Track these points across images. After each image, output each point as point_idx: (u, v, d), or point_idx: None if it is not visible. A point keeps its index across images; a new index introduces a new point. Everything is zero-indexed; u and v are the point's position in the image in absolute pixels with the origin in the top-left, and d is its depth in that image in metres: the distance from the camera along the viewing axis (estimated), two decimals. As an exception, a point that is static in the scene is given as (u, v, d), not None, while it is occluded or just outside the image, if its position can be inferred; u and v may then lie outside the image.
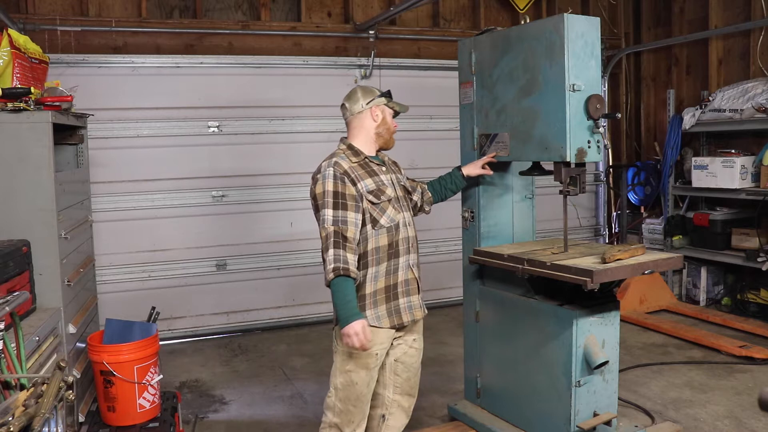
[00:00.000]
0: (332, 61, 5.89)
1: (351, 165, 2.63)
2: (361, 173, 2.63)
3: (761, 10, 5.61)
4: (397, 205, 2.69)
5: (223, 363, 4.92)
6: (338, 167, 2.59)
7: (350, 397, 2.65)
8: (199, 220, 5.53)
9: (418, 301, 2.76)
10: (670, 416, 3.73)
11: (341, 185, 2.56)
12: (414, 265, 2.76)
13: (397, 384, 2.80)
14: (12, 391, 2.01)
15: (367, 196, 2.60)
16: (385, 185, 2.68)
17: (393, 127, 2.81)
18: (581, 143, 2.83)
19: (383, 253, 2.63)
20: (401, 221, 2.69)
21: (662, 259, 3.03)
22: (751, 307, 5.56)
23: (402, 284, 2.69)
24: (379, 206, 2.62)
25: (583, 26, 2.82)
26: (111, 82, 5.19)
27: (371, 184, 2.63)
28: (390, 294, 2.66)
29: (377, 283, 2.63)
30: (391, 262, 2.66)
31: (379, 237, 2.63)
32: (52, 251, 3.15)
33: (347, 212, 2.54)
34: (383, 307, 2.64)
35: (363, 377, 2.64)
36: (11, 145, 3.07)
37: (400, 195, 2.75)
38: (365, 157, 2.70)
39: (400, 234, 2.68)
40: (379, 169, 2.72)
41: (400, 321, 2.68)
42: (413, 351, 2.82)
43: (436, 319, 5.88)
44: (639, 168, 6.80)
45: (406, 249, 2.71)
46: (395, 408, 2.82)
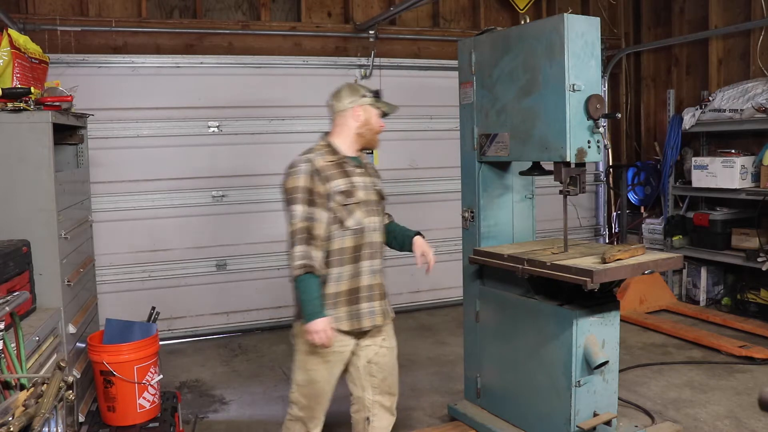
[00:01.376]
0: (332, 61, 5.89)
1: (325, 163, 2.60)
2: (334, 173, 2.60)
3: (761, 10, 5.61)
4: (366, 208, 2.65)
5: (223, 363, 4.92)
6: (311, 164, 2.58)
7: (311, 394, 2.70)
8: (199, 220, 5.53)
9: (380, 306, 2.72)
10: (670, 416, 3.73)
11: (312, 182, 2.55)
12: (379, 271, 2.73)
13: (374, 385, 2.79)
14: (12, 391, 2.01)
15: (336, 196, 2.57)
16: (357, 187, 2.64)
17: (378, 127, 2.76)
18: (581, 143, 2.83)
19: (348, 255, 2.61)
20: (369, 225, 2.65)
21: (662, 259, 3.04)
22: (751, 307, 5.56)
23: (365, 289, 2.66)
24: (348, 208, 2.59)
25: (583, 26, 2.82)
26: (111, 82, 5.19)
27: (343, 185, 2.59)
28: (352, 297, 2.64)
29: (340, 285, 2.61)
30: (356, 265, 2.63)
31: (344, 238, 2.60)
32: (52, 251, 3.15)
33: (316, 209, 2.54)
34: (344, 309, 2.62)
35: (324, 375, 2.66)
36: (11, 145, 3.06)
37: (372, 199, 2.70)
38: (342, 157, 2.66)
39: (365, 238, 2.64)
40: (354, 170, 2.68)
41: (359, 326, 2.65)
42: (384, 350, 2.79)
43: (436, 319, 5.88)
44: (639, 168, 6.80)
45: (371, 254, 2.67)
46: (378, 409, 2.81)
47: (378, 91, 2.85)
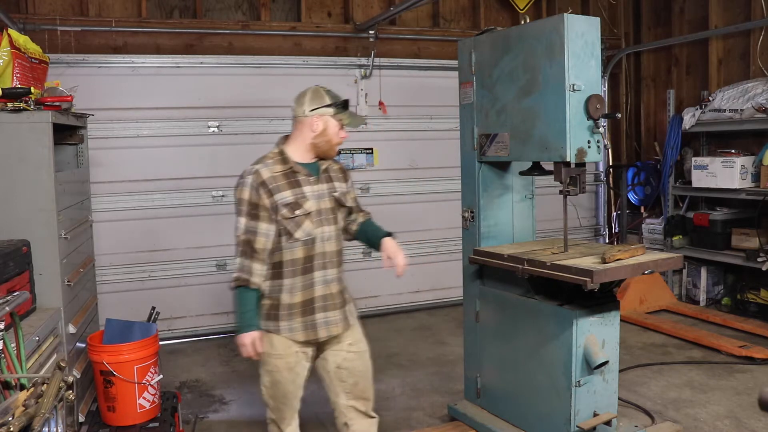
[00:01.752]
0: (332, 61, 5.89)
1: (273, 174, 2.56)
2: (281, 184, 2.56)
3: (761, 10, 5.61)
4: (316, 219, 2.60)
5: (223, 363, 4.92)
6: (257, 177, 2.55)
7: (277, 396, 2.70)
8: (199, 220, 5.53)
9: (337, 316, 2.67)
10: (670, 416, 3.73)
11: (256, 196, 2.53)
12: (334, 281, 2.67)
13: (346, 390, 2.75)
14: (12, 391, 2.00)
15: (281, 209, 2.54)
16: (306, 198, 2.58)
17: (337, 139, 2.66)
18: (581, 143, 2.83)
19: (299, 266, 2.59)
20: (319, 236, 2.60)
21: (662, 259, 3.03)
22: (751, 307, 5.56)
23: (319, 299, 2.63)
24: (295, 220, 2.55)
25: (583, 26, 2.82)
26: (111, 82, 5.19)
27: (289, 197, 2.55)
28: (307, 308, 2.62)
29: (294, 296, 2.60)
30: (307, 276, 2.61)
31: (294, 249, 2.58)
32: (52, 251, 3.15)
33: (259, 223, 2.53)
34: (298, 320, 2.61)
35: (286, 376, 2.66)
36: (11, 145, 3.06)
37: (325, 207, 2.63)
38: (290, 167, 2.60)
39: (317, 248, 2.60)
40: (306, 179, 2.61)
41: (316, 336, 2.64)
42: (353, 355, 2.75)
43: (436, 319, 5.88)
44: (639, 168, 6.80)
45: (323, 264, 2.63)
46: (353, 413, 2.78)
47: (345, 102, 2.71)
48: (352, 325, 2.77)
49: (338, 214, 2.70)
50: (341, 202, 2.71)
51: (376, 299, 6.03)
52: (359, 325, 2.83)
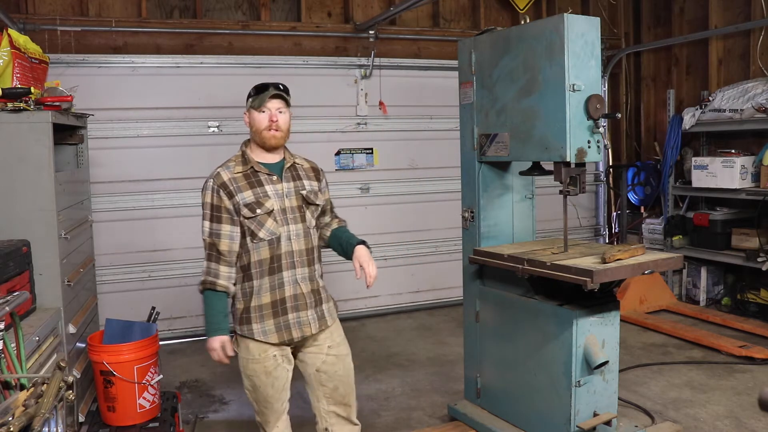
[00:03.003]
0: (332, 61, 5.89)
1: (233, 176, 2.57)
2: (242, 185, 2.56)
3: (761, 10, 5.61)
4: (280, 217, 2.56)
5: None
6: (217, 179, 2.58)
7: (259, 399, 2.66)
8: (199, 221, 5.50)
9: (309, 316, 2.62)
10: (670, 416, 3.73)
11: (216, 198, 2.57)
12: (304, 280, 2.61)
13: (326, 394, 2.71)
14: (12, 391, 2.00)
15: (242, 209, 2.53)
16: (267, 197, 2.55)
17: (261, 125, 2.58)
18: (581, 143, 2.83)
19: (266, 267, 2.56)
20: (284, 234, 2.56)
21: (662, 259, 3.03)
22: (751, 307, 5.56)
23: (290, 299, 2.58)
24: (256, 219, 2.53)
25: (583, 26, 2.82)
26: (111, 82, 5.19)
27: (249, 197, 2.54)
28: (277, 309, 2.58)
29: (262, 297, 2.57)
30: (275, 276, 2.57)
31: (260, 250, 2.56)
32: (52, 251, 3.15)
33: (221, 225, 2.56)
34: (270, 322, 2.57)
35: (264, 381, 2.61)
36: (11, 145, 3.07)
37: (290, 206, 2.59)
38: (252, 167, 2.60)
39: (282, 248, 2.56)
40: (268, 178, 2.59)
41: (290, 337, 2.59)
42: (332, 359, 2.69)
43: (436, 319, 5.88)
44: (639, 168, 6.80)
45: (291, 263, 2.58)
46: (334, 419, 2.73)
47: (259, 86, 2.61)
48: (329, 326, 2.70)
49: (307, 212, 2.65)
50: (309, 199, 2.66)
51: (376, 299, 6.03)
52: (340, 326, 2.78)
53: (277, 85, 2.61)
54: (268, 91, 2.58)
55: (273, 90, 2.58)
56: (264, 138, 2.60)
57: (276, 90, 2.59)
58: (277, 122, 2.59)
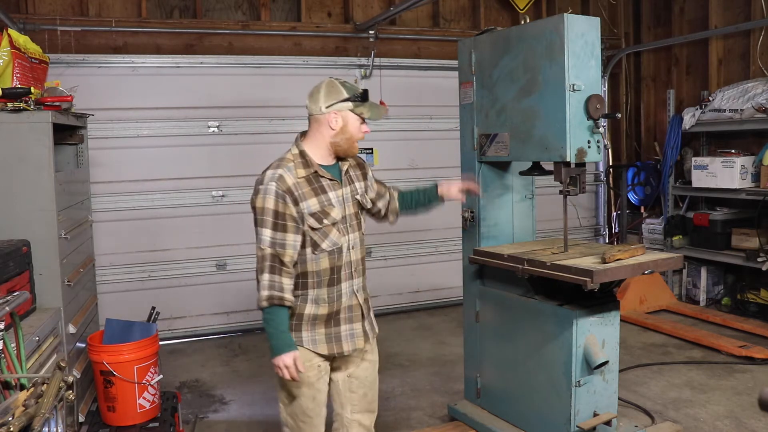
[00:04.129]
0: (332, 61, 5.89)
1: (296, 180, 2.35)
2: (306, 191, 2.35)
3: (761, 10, 5.61)
4: (342, 227, 2.43)
5: (223, 363, 4.92)
6: (281, 183, 2.32)
7: (297, 413, 2.52)
8: (199, 220, 5.53)
9: (361, 328, 2.53)
10: (670, 416, 3.73)
11: (282, 205, 2.30)
12: (359, 290, 2.53)
13: (354, 402, 2.60)
14: (12, 391, 2.00)
15: (308, 219, 2.35)
16: (332, 205, 2.40)
17: (358, 135, 2.45)
18: (581, 143, 2.83)
19: (324, 277, 2.42)
20: (345, 245, 2.44)
21: (662, 259, 3.03)
22: (751, 307, 5.56)
23: (345, 311, 2.48)
24: (321, 230, 2.37)
25: (583, 26, 2.82)
26: (111, 82, 5.19)
27: (315, 205, 2.36)
28: (331, 320, 2.46)
29: (319, 308, 2.43)
30: (333, 288, 2.43)
31: (319, 260, 2.40)
32: (52, 251, 3.15)
33: (286, 234, 2.31)
34: (322, 332, 2.45)
35: (305, 392, 2.48)
36: (11, 145, 3.07)
37: (349, 213, 2.47)
38: (314, 171, 2.40)
39: (343, 258, 2.44)
40: (331, 185, 2.42)
41: (340, 350, 2.48)
42: (367, 364, 2.61)
43: (436, 319, 5.88)
44: (639, 168, 6.80)
45: (350, 274, 2.47)
46: (355, 427, 2.65)
47: (364, 92, 2.45)
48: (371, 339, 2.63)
49: (362, 218, 2.57)
50: (363, 204, 2.57)
51: (376, 299, 6.02)
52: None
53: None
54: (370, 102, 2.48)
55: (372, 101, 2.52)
56: (353, 147, 2.47)
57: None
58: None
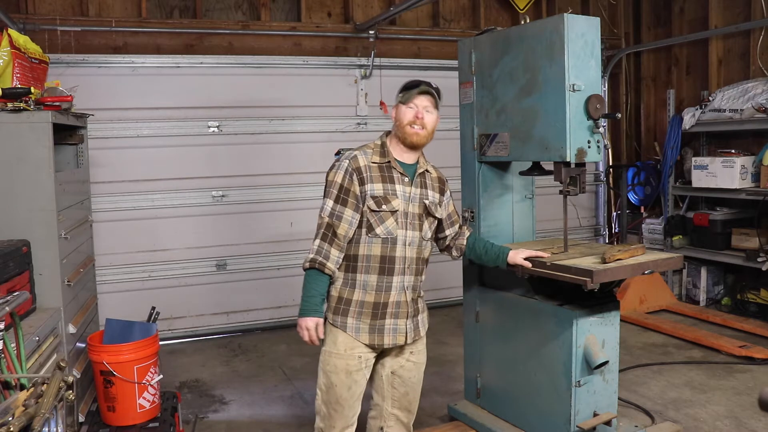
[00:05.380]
0: (332, 61, 5.89)
1: (369, 164, 2.51)
2: (374, 175, 2.50)
3: (761, 10, 5.61)
4: (402, 219, 2.51)
5: (223, 363, 4.92)
6: (354, 162, 2.50)
7: (330, 401, 2.56)
8: (199, 220, 5.53)
9: (406, 326, 2.58)
10: (670, 416, 3.73)
11: (348, 180, 2.48)
12: (410, 288, 2.57)
13: (394, 398, 2.69)
14: (12, 391, 2.01)
15: (369, 200, 2.47)
16: (395, 196, 2.50)
17: (405, 119, 2.53)
18: (581, 143, 2.83)
19: (374, 263, 2.50)
20: (401, 237, 2.51)
21: (662, 259, 3.03)
22: (751, 307, 5.57)
23: (392, 305, 2.54)
24: (379, 214, 2.48)
25: (583, 26, 2.82)
26: (111, 82, 5.19)
27: (379, 190, 2.49)
28: (378, 311, 2.53)
29: (366, 294, 2.52)
30: (383, 278, 2.51)
31: (372, 245, 2.49)
32: (52, 251, 3.15)
33: (345, 208, 2.47)
34: (366, 321, 2.52)
35: (343, 380, 2.53)
36: (11, 145, 3.07)
37: (412, 212, 2.54)
38: (389, 161, 2.54)
39: (397, 251, 2.51)
40: (401, 178, 2.54)
41: (381, 342, 2.54)
42: (410, 365, 2.68)
43: (436, 319, 5.86)
44: (639, 168, 6.80)
45: (402, 269, 2.53)
46: (393, 422, 2.72)
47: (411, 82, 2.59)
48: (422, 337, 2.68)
49: (425, 222, 2.60)
50: (430, 211, 2.61)
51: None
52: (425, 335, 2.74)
53: (429, 84, 2.56)
54: (418, 87, 2.53)
55: (423, 86, 2.53)
56: (406, 133, 2.53)
57: (426, 86, 2.54)
58: (422, 119, 2.52)
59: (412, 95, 2.53)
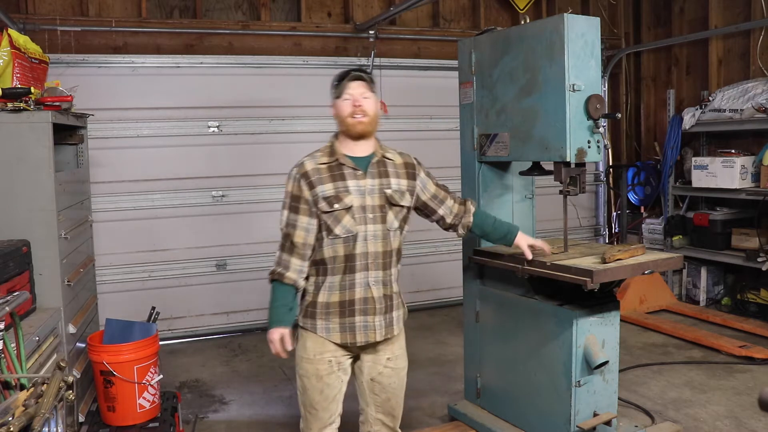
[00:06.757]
0: (332, 61, 5.88)
1: (316, 166, 2.46)
2: (324, 176, 2.44)
3: (761, 10, 5.61)
4: (360, 215, 2.43)
5: (223, 363, 4.92)
6: (301, 168, 2.47)
7: (305, 403, 2.56)
8: (199, 220, 5.53)
9: (377, 322, 2.49)
10: (670, 416, 3.73)
11: (297, 188, 2.45)
12: (377, 283, 2.48)
13: (377, 403, 2.63)
14: (12, 391, 2.01)
15: (320, 202, 2.41)
16: (347, 192, 2.42)
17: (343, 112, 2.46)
18: (581, 143, 2.83)
19: (340, 264, 2.45)
20: (361, 233, 2.43)
21: (662, 259, 3.03)
22: (751, 307, 5.57)
23: (359, 302, 2.47)
24: (333, 214, 2.41)
25: (583, 26, 2.82)
26: (111, 82, 5.19)
27: (329, 190, 2.42)
28: (345, 309, 2.47)
29: (332, 295, 2.47)
30: (347, 276, 2.45)
31: (335, 246, 2.44)
32: (52, 251, 3.15)
33: (299, 216, 2.45)
34: (336, 320, 2.48)
35: (314, 384, 2.51)
36: (11, 145, 3.07)
37: (372, 204, 2.45)
38: (337, 159, 2.47)
39: (359, 247, 2.43)
40: (352, 173, 2.45)
41: (353, 339, 2.48)
42: (389, 371, 2.60)
43: (436, 319, 5.88)
44: (639, 168, 6.80)
45: (365, 265, 2.45)
46: (379, 426, 2.68)
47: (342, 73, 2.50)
48: (395, 335, 2.59)
49: (389, 212, 2.49)
50: (393, 200, 2.50)
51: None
52: (403, 336, 2.67)
53: (359, 69, 2.51)
54: (348, 76, 2.47)
55: (352, 73, 2.47)
56: (348, 125, 2.45)
57: (356, 72, 2.47)
58: (361, 107, 2.44)
59: (344, 86, 2.45)
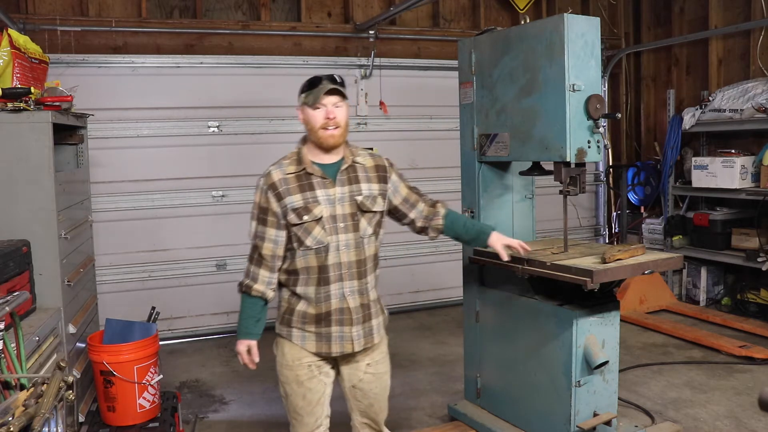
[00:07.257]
0: (332, 61, 5.88)
1: (284, 176, 2.37)
2: (292, 187, 2.36)
3: (761, 10, 5.61)
4: (330, 225, 2.36)
5: (223, 363, 4.92)
6: (268, 179, 2.38)
7: (289, 409, 2.56)
8: (199, 220, 5.53)
9: (354, 332, 2.44)
10: (670, 416, 3.73)
11: (264, 199, 2.38)
12: (353, 294, 2.43)
13: (360, 409, 2.62)
14: (12, 391, 2.01)
15: (289, 213, 2.35)
16: (317, 203, 2.35)
17: (316, 123, 2.36)
18: (581, 143, 2.83)
19: (313, 275, 2.40)
20: (332, 244, 2.37)
21: (662, 259, 3.03)
22: (751, 307, 5.56)
23: (336, 312, 2.42)
24: (303, 226, 2.35)
25: (583, 26, 2.82)
26: (111, 82, 5.19)
27: (298, 201, 2.35)
28: (321, 320, 2.44)
29: (309, 306, 2.44)
30: (321, 288, 2.40)
31: (307, 257, 2.39)
32: (52, 251, 3.15)
33: (266, 228, 2.39)
34: (312, 330, 2.45)
35: (295, 390, 2.50)
36: (11, 145, 3.06)
37: (342, 213, 2.38)
38: (304, 168, 2.38)
39: (331, 258, 2.37)
40: (321, 182, 2.38)
41: (328, 350, 2.45)
42: (369, 377, 2.56)
43: (436, 319, 5.88)
44: (639, 168, 6.80)
45: (339, 276, 2.40)
46: (366, 429, 2.68)
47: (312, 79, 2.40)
48: (375, 343, 2.55)
49: (362, 220, 2.43)
50: (364, 206, 2.43)
51: (376, 299, 6.02)
52: (385, 342, 2.64)
53: (333, 78, 2.39)
54: (322, 85, 2.36)
55: (328, 84, 2.36)
56: (320, 138, 2.37)
57: (332, 84, 2.37)
58: (334, 119, 2.37)
59: (319, 96, 2.35)
